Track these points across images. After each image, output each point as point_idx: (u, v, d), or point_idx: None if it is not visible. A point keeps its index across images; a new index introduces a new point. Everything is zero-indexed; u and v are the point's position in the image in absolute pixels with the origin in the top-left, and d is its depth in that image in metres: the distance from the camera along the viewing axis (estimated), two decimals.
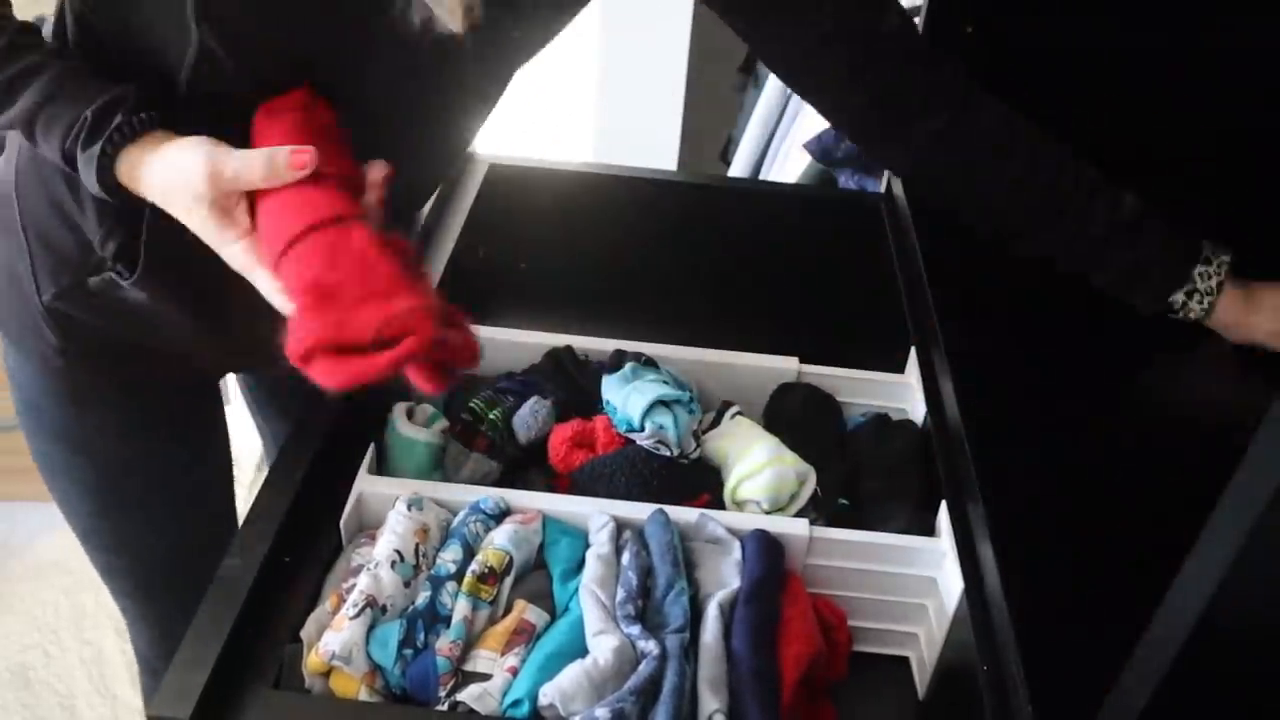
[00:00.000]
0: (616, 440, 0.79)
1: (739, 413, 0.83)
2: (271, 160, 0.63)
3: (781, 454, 0.77)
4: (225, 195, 0.64)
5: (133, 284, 0.74)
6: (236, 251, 0.65)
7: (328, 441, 0.76)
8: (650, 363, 0.85)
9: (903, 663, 0.79)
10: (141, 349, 0.83)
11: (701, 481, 0.79)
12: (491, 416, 0.80)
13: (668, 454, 0.78)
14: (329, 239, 0.62)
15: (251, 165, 0.64)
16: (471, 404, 0.81)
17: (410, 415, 0.81)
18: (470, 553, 0.70)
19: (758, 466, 0.76)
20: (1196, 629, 0.42)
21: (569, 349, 0.87)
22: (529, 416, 0.80)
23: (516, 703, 0.62)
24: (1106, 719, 0.49)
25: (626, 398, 0.79)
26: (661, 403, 0.78)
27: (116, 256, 0.73)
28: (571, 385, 0.85)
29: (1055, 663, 0.62)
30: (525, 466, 0.81)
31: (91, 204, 0.72)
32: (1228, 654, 0.44)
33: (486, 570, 0.68)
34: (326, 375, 0.60)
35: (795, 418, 0.85)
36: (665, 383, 0.81)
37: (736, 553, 0.72)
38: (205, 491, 0.98)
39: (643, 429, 0.78)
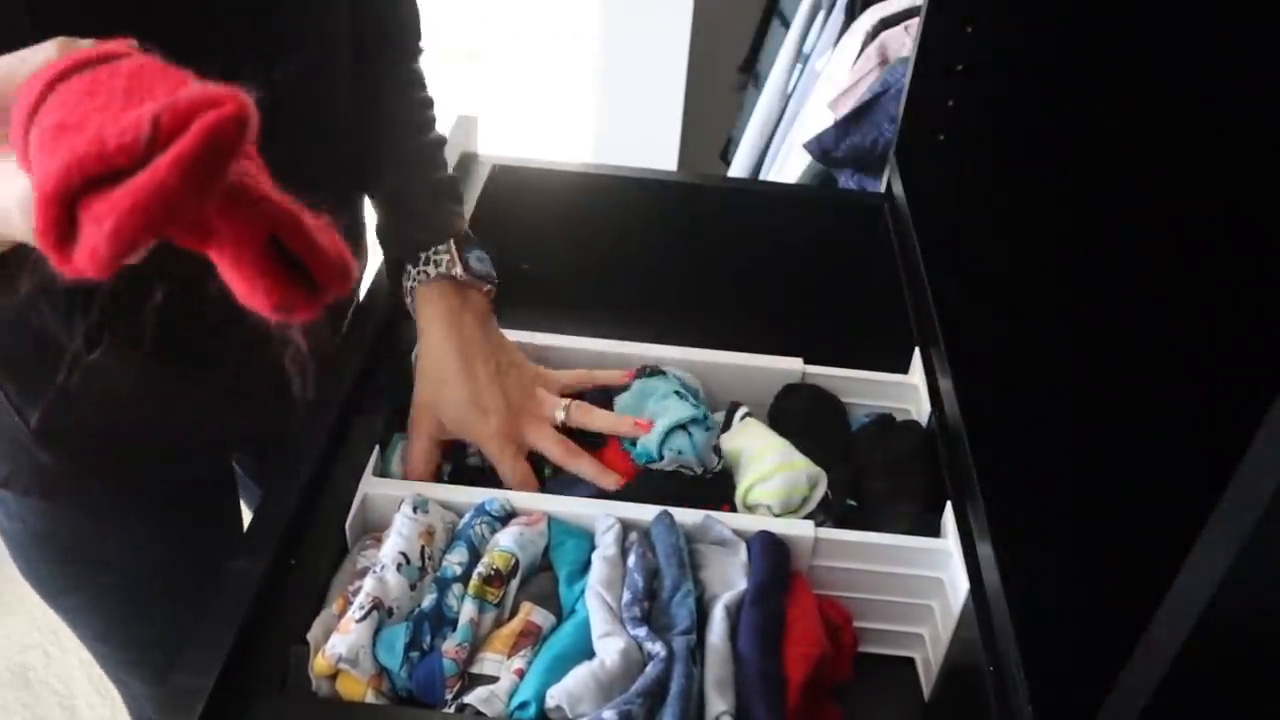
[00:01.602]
0: (631, 469, 0.79)
1: (748, 414, 0.83)
2: (63, 41, 0.43)
3: (792, 458, 0.77)
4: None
5: (106, 354, 0.68)
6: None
7: (332, 444, 0.77)
8: (656, 371, 0.85)
9: (908, 664, 0.79)
10: (149, 441, 0.79)
11: (722, 493, 0.78)
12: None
13: (690, 474, 0.78)
14: (89, 78, 0.37)
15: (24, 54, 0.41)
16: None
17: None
18: (476, 555, 0.70)
19: (769, 471, 0.76)
20: (1197, 628, 0.42)
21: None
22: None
23: (523, 705, 0.62)
24: (1108, 718, 0.49)
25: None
26: (678, 426, 0.78)
27: (88, 337, 0.67)
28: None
29: (1056, 662, 0.62)
30: None
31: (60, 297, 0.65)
32: (1229, 653, 0.44)
33: (492, 572, 0.68)
34: (96, 229, 0.33)
35: (800, 419, 0.85)
36: (677, 392, 0.81)
37: (742, 554, 0.72)
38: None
39: (661, 457, 0.77)
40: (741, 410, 0.83)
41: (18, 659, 1.68)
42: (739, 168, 1.88)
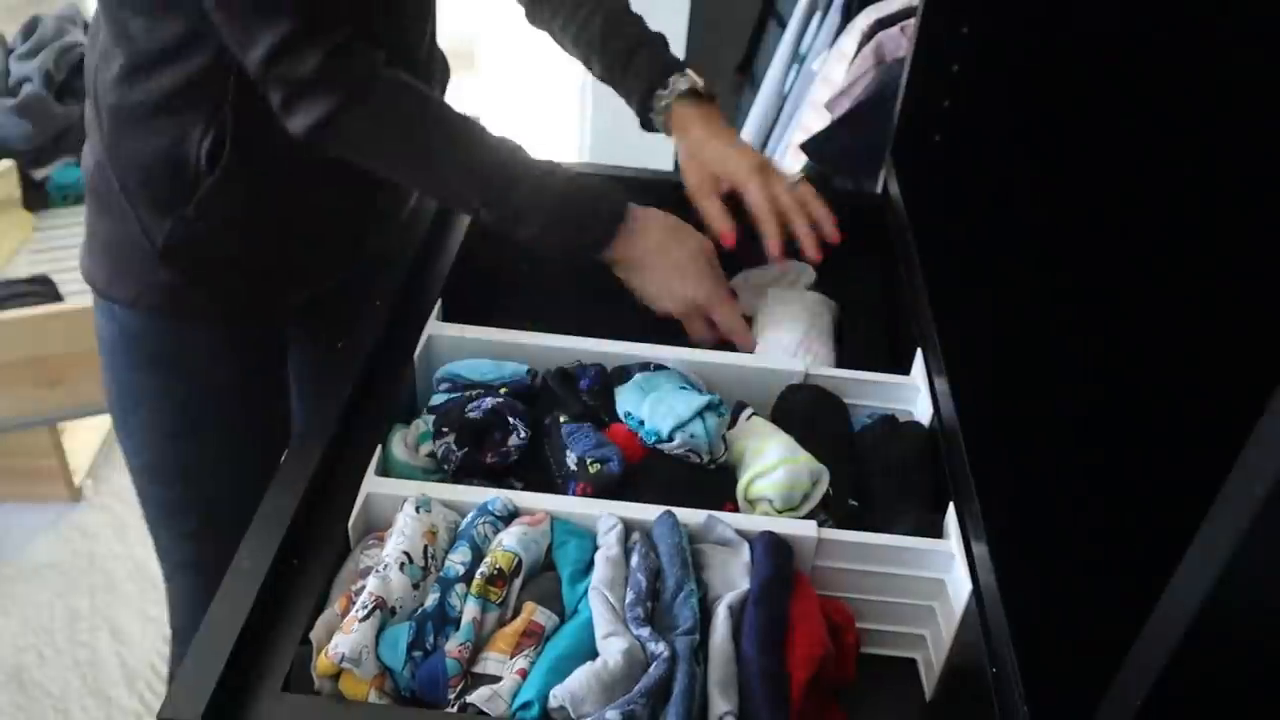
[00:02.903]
0: (639, 449, 0.79)
1: (754, 414, 0.83)
2: None
3: (795, 453, 0.77)
4: None
5: (223, 180, 0.84)
6: None
7: (335, 443, 0.76)
8: (659, 368, 0.84)
9: (910, 664, 0.79)
10: (244, 272, 0.93)
11: (726, 490, 0.79)
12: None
13: (697, 460, 0.78)
14: None
15: None
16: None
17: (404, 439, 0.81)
18: (479, 554, 0.69)
19: (771, 465, 0.76)
20: (1193, 628, 0.42)
21: (561, 372, 0.86)
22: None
23: (526, 705, 0.62)
24: (1104, 718, 0.49)
25: (652, 410, 0.79)
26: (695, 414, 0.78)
27: (210, 155, 0.84)
28: (575, 401, 0.83)
29: (1053, 662, 0.62)
30: None
31: (197, 123, 0.84)
32: (1224, 653, 0.44)
33: (495, 572, 0.68)
34: None
35: (803, 419, 0.84)
36: (683, 388, 0.81)
37: (745, 554, 0.72)
38: (273, 425, 1.06)
39: (671, 439, 0.78)
40: (747, 410, 0.83)
41: (12, 661, 1.68)
42: None
